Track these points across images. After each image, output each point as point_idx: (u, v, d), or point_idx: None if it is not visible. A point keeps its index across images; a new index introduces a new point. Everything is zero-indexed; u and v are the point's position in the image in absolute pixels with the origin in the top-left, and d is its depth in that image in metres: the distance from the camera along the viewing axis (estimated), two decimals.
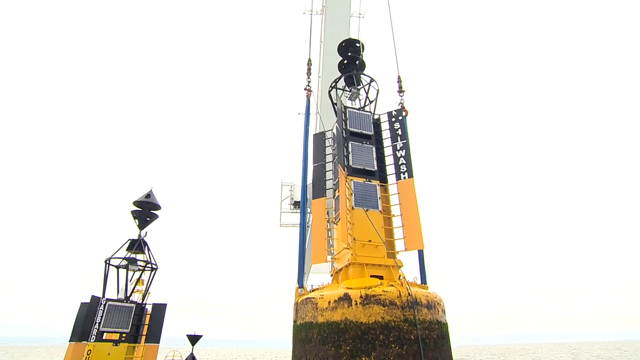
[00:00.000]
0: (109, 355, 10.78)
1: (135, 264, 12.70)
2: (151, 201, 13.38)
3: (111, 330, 11.10)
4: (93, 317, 10.92)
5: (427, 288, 6.86)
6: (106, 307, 11.13)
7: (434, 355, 5.68)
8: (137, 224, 13.36)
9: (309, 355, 6.04)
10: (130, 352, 11.22)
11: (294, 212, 31.80)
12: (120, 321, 11.34)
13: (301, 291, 7.17)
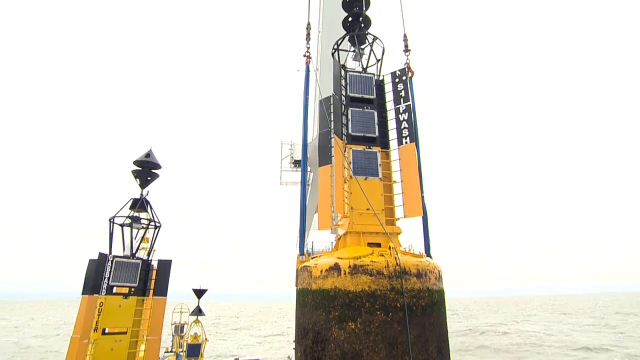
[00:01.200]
0: (120, 307, 11.57)
1: (138, 222, 13.18)
2: (151, 160, 13.57)
3: (120, 285, 11.80)
4: (102, 273, 11.58)
5: (422, 256, 7.02)
6: (113, 263, 11.75)
7: (421, 322, 5.95)
8: (139, 183, 13.65)
9: (304, 318, 6.55)
10: (139, 304, 12.01)
11: (294, 171, 32.19)
12: (128, 276, 12.01)
13: (302, 258, 7.47)
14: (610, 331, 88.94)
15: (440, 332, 6.31)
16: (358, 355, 5.63)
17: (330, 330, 5.93)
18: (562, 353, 57.52)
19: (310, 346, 6.19)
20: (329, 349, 5.87)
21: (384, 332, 5.71)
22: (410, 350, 5.67)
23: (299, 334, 6.76)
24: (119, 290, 11.95)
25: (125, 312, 11.74)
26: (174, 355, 30.50)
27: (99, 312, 11.25)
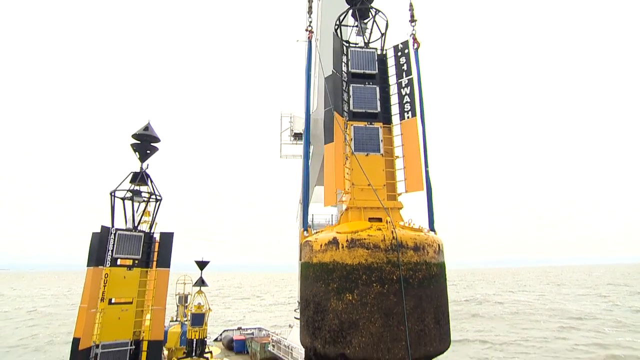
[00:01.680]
0: (124, 279, 11.85)
1: (139, 196, 13.26)
2: (149, 134, 13.49)
3: (124, 257, 12.03)
4: (105, 245, 11.77)
5: (422, 230, 7.11)
6: (116, 236, 11.90)
7: (418, 294, 6.11)
8: (138, 157, 13.62)
9: (307, 290, 6.82)
10: (143, 275, 12.30)
11: (293, 144, 31.97)
12: (131, 248, 12.23)
13: (306, 234, 7.65)
14: (601, 300, 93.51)
15: (439, 304, 6.49)
16: (355, 325, 5.86)
17: (329, 301, 6.16)
18: (554, 321, 62.00)
19: (312, 316, 6.46)
20: (328, 319, 6.12)
21: (379, 303, 5.90)
22: (406, 320, 5.86)
23: (302, 305, 7.06)
24: (123, 262, 12.20)
25: (130, 283, 12.04)
26: (178, 324, 31.57)
27: (105, 283, 11.55)
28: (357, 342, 5.80)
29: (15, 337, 51.83)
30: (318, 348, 6.22)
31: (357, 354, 5.79)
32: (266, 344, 30.16)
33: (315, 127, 19.47)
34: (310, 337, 6.43)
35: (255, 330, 42.32)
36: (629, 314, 69.22)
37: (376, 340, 5.76)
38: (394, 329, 5.82)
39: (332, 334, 6.02)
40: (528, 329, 56.03)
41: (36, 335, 51.61)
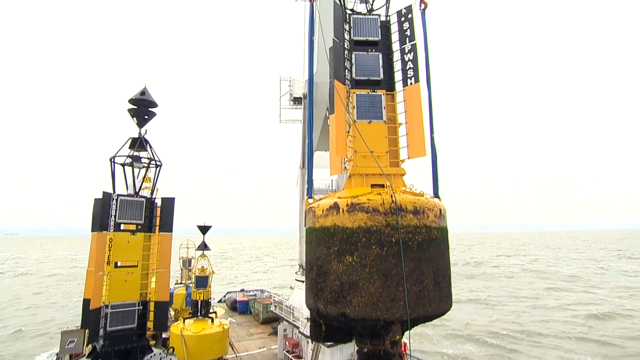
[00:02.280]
0: (128, 243, 12.08)
1: (139, 162, 13.22)
2: (146, 98, 13.24)
3: (127, 222, 12.19)
4: (108, 211, 11.87)
5: (423, 194, 7.18)
6: (118, 202, 11.98)
7: (417, 256, 6.27)
8: (136, 122, 13.43)
9: (310, 254, 7.09)
10: (147, 240, 12.53)
11: (293, 108, 31.41)
12: (134, 214, 12.37)
13: (310, 201, 7.82)
14: (590, 264, 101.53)
15: (439, 267, 6.64)
16: (354, 286, 6.09)
17: (330, 263, 6.39)
18: (542, 281, 70.32)
19: (314, 279, 6.73)
20: (329, 281, 6.38)
21: (378, 265, 6.09)
22: (405, 281, 6.05)
23: (306, 269, 7.32)
24: (127, 227, 12.39)
25: (134, 247, 12.30)
26: (183, 286, 32.67)
27: (110, 248, 11.80)
28: (356, 302, 6.03)
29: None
30: (320, 308, 6.51)
31: (356, 313, 6.05)
32: (268, 304, 31.37)
33: (315, 91, 19.04)
34: (314, 298, 6.72)
35: (258, 291, 43.88)
36: (616, 274, 77.30)
37: (375, 300, 5.99)
38: (393, 290, 6.03)
39: (333, 295, 6.27)
40: (519, 289, 62.05)
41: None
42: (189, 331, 20.52)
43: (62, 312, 49.53)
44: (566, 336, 38.27)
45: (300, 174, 27.22)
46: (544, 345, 35.73)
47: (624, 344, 35.01)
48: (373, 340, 7.07)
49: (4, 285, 72.43)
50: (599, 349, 34.33)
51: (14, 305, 54.17)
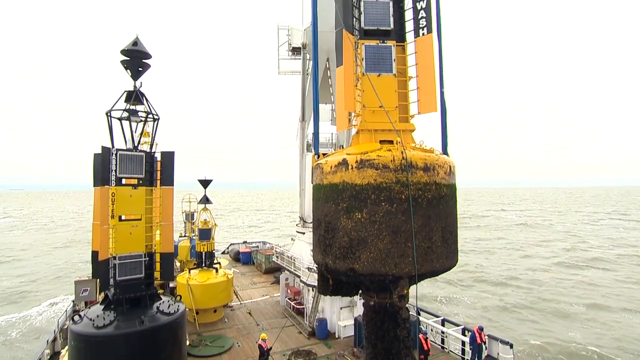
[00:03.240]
0: (131, 197, 12.08)
1: (136, 116, 12.86)
2: (139, 49, 12.56)
3: (128, 176, 12.09)
4: (108, 166, 11.73)
5: (433, 151, 7.04)
6: (118, 156, 11.80)
7: (426, 213, 6.26)
8: (130, 74, 12.85)
9: (318, 211, 7.05)
10: (149, 193, 12.54)
11: (292, 59, 30.20)
12: (134, 168, 12.25)
13: (317, 157, 7.69)
14: (575, 216, 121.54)
15: (447, 224, 6.67)
16: (363, 242, 6.13)
17: (339, 220, 6.37)
18: (527, 229, 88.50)
19: (323, 235, 6.75)
20: (338, 237, 6.40)
21: (388, 222, 6.07)
22: (414, 238, 6.09)
23: (314, 225, 7.33)
24: (128, 181, 12.34)
25: (137, 201, 12.32)
26: (187, 239, 33.52)
27: (113, 202, 11.82)
28: (365, 257, 6.11)
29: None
30: (329, 264, 6.60)
31: (365, 269, 6.15)
32: (270, 255, 32.42)
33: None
34: (322, 254, 6.78)
35: (260, 243, 45.17)
36: (585, 225, 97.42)
37: (384, 256, 6.06)
38: (402, 246, 6.08)
39: (342, 251, 6.33)
40: (504, 235, 78.68)
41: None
42: (194, 281, 21.35)
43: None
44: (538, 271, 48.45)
45: (300, 127, 26.72)
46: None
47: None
48: (380, 294, 7.30)
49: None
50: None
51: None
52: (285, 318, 22.42)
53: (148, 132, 14.57)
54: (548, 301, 37.12)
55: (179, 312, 12.05)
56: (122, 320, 10.97)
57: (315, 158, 7.66)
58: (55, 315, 32.29)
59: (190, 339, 18.32)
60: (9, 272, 50.66)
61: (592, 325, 31.51)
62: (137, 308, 11.69)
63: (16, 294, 40.70)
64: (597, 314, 33.87)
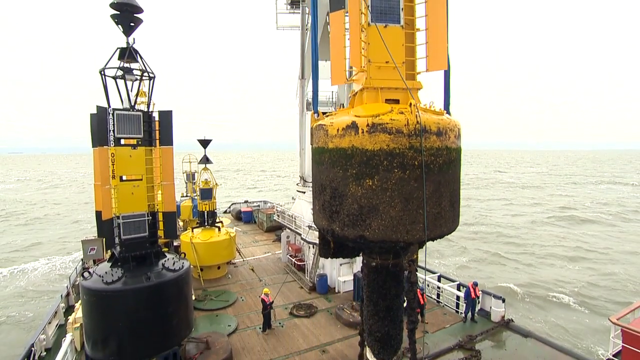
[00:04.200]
0: (130, 157, 11.95)
1: (131, 74, 12.41)
2: (129, 2, 11.83)
3: (126, 136, 11.89)
4: (105, 126, 11.49)
5: (443, 113, 6.71)
6: (115, 116, 11.53)
7: (437, 179, 6.10)
8: (122, 30, 12.23)
9: (321, 175, 6.70)
10: (148, 154, 12.42)
11: (290, 13, 28.90)
12: (132, 128, 12.03)
13: (316, 116, 7.23)
14: (564, 177, 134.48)
15: (454, 188, 6.56)
16: (375, 209, 5.95)
17: (348, 186, 6.11)
18: (518, 188, 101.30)
19: (328, 201, 6.50)
20: (347, 204, 6.17)
21: (400, 189, 5.88)
22: (425, 205, 5.97)
23: (316, 190, 7.02)
24: (127, 142, 12.14)
25: (137, 161, 12.21)
26: (189, 199, 33.82)
27: (112, 162, 11.71)
28: (376, 225, 5.97)
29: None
30: (336, 230, 6.42)
31: (376, 236, 6.02)
32: (271, 214, 32.92)
33: None
34: (327, 220, 6.58)
35: (261, 202, 45.72)
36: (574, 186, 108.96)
37: (395, 223, 5.93)
38: (413, 213, 5.95)
39: (351, 218, 6.14)
40: (496, 194, 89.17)
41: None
42: (198, 239, 21.82)
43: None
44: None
45: (300, 84, 26.01)
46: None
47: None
48: (382, 256, 7.37)
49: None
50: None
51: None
52: (286, 274, 23.21)
53: (144, 92, 14.14)
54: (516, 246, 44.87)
55: (183, 268, 12.39)
56: (130, 277, 11.30)
57: (314, 117, 7.23)
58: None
59: (196, 294, 19.07)
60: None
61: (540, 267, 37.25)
62: (143, 265, 11.99)
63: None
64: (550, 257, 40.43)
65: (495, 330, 15.49)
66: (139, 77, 12.68)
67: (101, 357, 11.43)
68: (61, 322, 16.79)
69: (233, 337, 15.44)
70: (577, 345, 21.79)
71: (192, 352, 13.23)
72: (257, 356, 14.00)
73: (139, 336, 11.19)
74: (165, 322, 11.57)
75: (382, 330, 7.78)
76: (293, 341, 15.10)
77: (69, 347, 13.33)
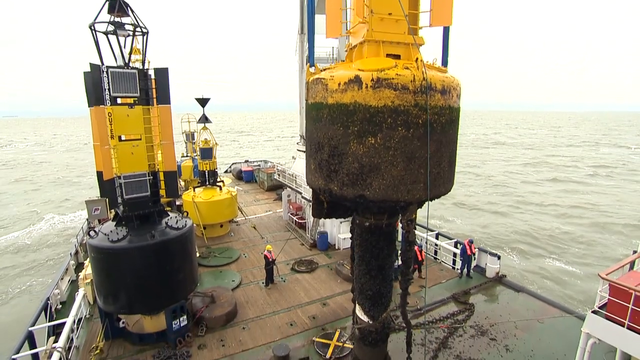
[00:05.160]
0: (128, 117, 11.76)
1: (123, 29, 11.85)
2: None
3: (122, 95, 11.63)
4: (100, 84, 11.19)
5: (446, 71, 6.46)
6: (109, 74, 11.20)
7: (439, 139, 5.99)
8: None
9: (319, 133, 6.43)
10: (146, 113, 12.21)
11: None
12: (128, 86, 11.73)
13: (312, 69, 6.85)
14: (547, 138, 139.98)
15: (453, 148, 6.48)
16: (376, 168, 5.84)
17: (348, 144, 5.93)
18: (517, 149, 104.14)
19: (326, 159, 6.30)
20: (347, 162, 6.02)
21: (403, 147, 5.75)
22: (428, 165, 5.90)
23: (312, 148, 6.76)
24: (124, 100, 11.89)
25: (134, 120, 12.02)
26: (189, 159, 33.77)
27: (110, 122, 11.53)
28: (377, 184, 5.89)
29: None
30: (334, 190, 6.30)
31: (377, 195, 5.95)
32: (272, 173, 33.05)
33: None
34: (325, 179, 6.42)
35: (262, 162, 45.74)
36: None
37: (397, 183, 5.86)
38: (415, 172, 5.88)
39: (350, 177, 6.02)
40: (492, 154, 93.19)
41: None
42: (200, 198, 22.07)
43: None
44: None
45: (299, 40, 25.00)
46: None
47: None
48: (377, 216, 7.38)
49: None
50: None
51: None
52: (288, 232, 23.76)
53: (138, 49, 13.56)
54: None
55: (187, 226, 12.64)
56: (135, 235, 11.56)
57: (310, 71, 6.81)
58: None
59: (200, 251, 19.64)
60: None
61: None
62: (146, 224, 12.21)
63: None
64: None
65: (489, 285, 16.11)
66: (131, 33, 12.15)
67: (113, 310, 12.02)
68: (73, 278, 17.49)
69: (237, 291, 16.10)
70: (567, 300, 22.80)
71: (199, 305, 13.86)
72: (260, 309, 14.68)
73: (147, 291, 11.68)
74: (171, 278, 12.01)
75: (373, 289, 7.96)
76: (295, 295, 15.76)
77: (83, 301, 13.98)
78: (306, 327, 13.37)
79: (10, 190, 57.13)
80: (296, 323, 13.62)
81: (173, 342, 12.17)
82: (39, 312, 13.16)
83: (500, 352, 11.59)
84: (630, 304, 7.30)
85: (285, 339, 12.59)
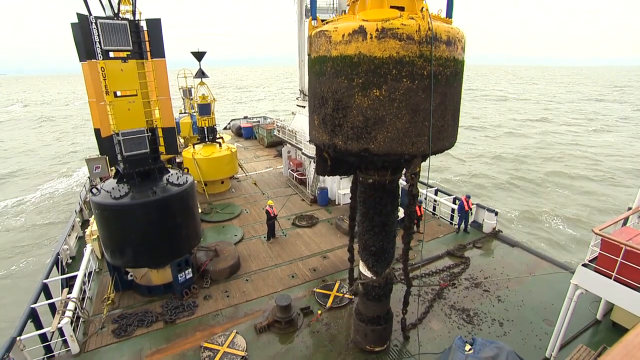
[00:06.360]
0: (122, 71, 11.36)
1: None
2: None
3: (114, 49, 11.16)
4: (90, 36, 10.68)
5: (451, 22, 6.21)
6: (99, 25, 10.62)
7: (444, 91, 5.88)
8: None
9: (323, 87, 6.30)
10: (140, 67, 11.81)
11: None
12: (119, 39, 11.22)
13: (314, 23, 6.61)
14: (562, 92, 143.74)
15: (456, 101, 6.38)
16: (381, 121, 5.78)
17: (353, 97, 5.83)
18: (517, 102, 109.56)
19: (330, 114, 6.22)
20: (351, 116, 5.95)
21: (408, 99, 5.66)
22: (431, 116, 5.82)
23: (315, 104, 6.66)
24: (117, 54, 11.41)
25: (129, 75, 11.64)
26: (187, 115, 33.14)
27: (104, 77, 11.16)
28: (382, 137, 5.86)
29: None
30: (339, 145, 6.28)
31: (381, 149, 5.95)
32: (272, 129, 32.69)
33: None
34: (329, 134, 6.38)
35: (261, 118, 45.05)
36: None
37: (401, 135, 5.83)
38: (419, 125, 5.83)
39: (355, 131, 5.98)
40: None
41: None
42: (199, 155, 22.01)
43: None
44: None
45: None
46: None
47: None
48: (380, 172, 7.43)
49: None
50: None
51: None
52: (288, 187, 23.99)
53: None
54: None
55: (188, 182, 12.71)
56: (136, 192, 11.66)
57: (312, 24, 6.61)
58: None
59: (202, 207, 19.94)
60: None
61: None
62: (147, 181, 12.26)
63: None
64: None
65: (485, 240, 16.55)
66: None
67: (120, 264, 12.45)
68: (80, 235, 17.94)
69: (240, 245, 16.59)
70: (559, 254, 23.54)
71: (203, 259, 14.35)
72: (262, 262, 15.21)
73: (152, 245, 12.02)
74: (175, 233, 12.30)
75: (377, 245, 8.15)
76: (296, 248, 16.26)
77: (91, 256, 14.44)
78: (307, 278, 13.92)
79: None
80: (297, 275, 14.17)
81: (180, 293, 12.75)
82: (51, 266, 13.64)
83: (492, 302, 12.18)
84: (620, 257, 7.55)
85: (287, 289, 13.17)
